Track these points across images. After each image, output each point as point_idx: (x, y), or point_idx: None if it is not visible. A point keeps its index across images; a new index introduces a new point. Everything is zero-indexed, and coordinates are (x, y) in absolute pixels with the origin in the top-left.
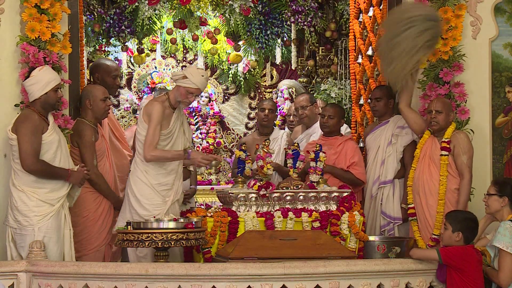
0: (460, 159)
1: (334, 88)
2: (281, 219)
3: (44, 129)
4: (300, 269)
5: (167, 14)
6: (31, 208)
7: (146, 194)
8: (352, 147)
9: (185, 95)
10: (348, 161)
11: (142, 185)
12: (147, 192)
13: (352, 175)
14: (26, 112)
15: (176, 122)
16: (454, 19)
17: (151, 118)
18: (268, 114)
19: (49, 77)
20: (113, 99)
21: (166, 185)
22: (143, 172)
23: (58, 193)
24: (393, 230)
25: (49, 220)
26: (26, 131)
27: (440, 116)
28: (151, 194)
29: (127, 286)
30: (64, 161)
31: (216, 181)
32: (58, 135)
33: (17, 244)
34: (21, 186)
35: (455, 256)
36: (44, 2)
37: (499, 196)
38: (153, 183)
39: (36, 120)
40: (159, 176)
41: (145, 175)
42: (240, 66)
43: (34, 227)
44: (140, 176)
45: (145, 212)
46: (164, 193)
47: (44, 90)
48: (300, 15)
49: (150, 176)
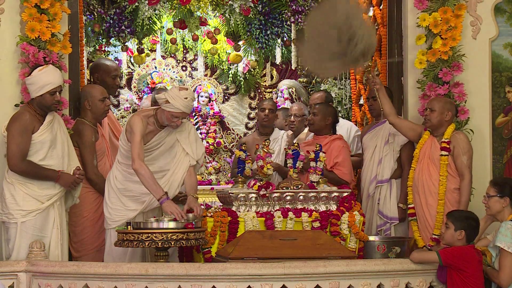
0: (460, 160)
1: (334, 88)
2: (281, 219)
3: (35, 128)
4: (300, 269)
5: (167, 14)
6: (17, 202)
7: (107, 197)
8: (338, 146)
9: (170, 119)
10: (332, 161)
11: (108, 188)
12: (111, 195)
13: (335, 175)
14: (21, 110)
15: (162, 140)
16: (454, 19)
17: (132, 132)
18: (268, 114)
19: (46, 80)
20: (113, 99)
21: (130, 191)
22: (111, 176)
23: (48, 191)
24: (390, 230)
25: (34, 217)
26: (15, 131)
27: (432, 114)
28: (114, 197)
29: (127, 286)
30: (57, 161)
31: (216, 181)
32: (52, 135)
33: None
34: (11, 179)
35: (455, 257)
36: (44, 2)
37: (500, 196)
38: (117, 186)
39: (27, 119)
40: (128, 182)
41: (113, 178)
42: (240, 66)
43: (18, 221)
44: (109, 178)
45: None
46: (127, 198)
47: (39, 92)
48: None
49: (116, 180)
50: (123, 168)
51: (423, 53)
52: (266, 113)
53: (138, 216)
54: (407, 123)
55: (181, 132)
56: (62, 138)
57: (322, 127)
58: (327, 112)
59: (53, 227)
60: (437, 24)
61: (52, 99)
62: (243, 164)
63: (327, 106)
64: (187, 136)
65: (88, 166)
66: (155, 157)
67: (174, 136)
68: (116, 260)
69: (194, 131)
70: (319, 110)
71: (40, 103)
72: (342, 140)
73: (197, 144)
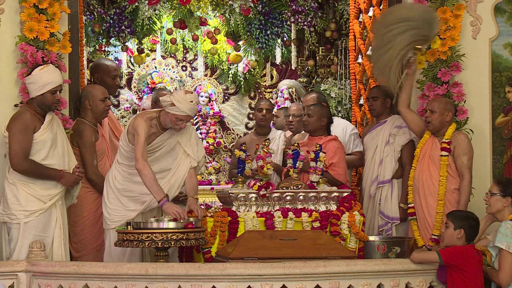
0: (460, 160)
1: (334, 88)
2: (281, 219)
3: (36, 128)
4: (300, 269)
5: (167, 14)
6: (20, 202)
7: (106, 197)
8: (333, 147)
9: (174, 122)
10: (327, 162)
11: (107, 187)
12: (110, 196)
13: (330, 176)
14: (21, 110)
15: (164, 142)
16: (453, 19)
17: (136, 133)
18: (266, 114)
19: (47, 79)
20: (113, 99)
21: (130, 191)
22: (111, 176)
23: (50, 191)
24: (391, 230)
25: (37, 217)
26: (16, 130)
27: (433, 115)
28: (113, 197)
29: (127, 286)
30: (59, 160)
31: (216, 181)
32: (53, 134)
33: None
34: (13, 180)
35: (455, 256)
36: (43, 2)
37: (502, 196)
38: (117, 187)
39: (28, 119)
40: (126, 182)
41: (113, 179)
42: (240, 66)
43: (21, 222)
44: (108, 178)
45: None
46: (128, 198)
47: (40, 91)
48: (300, 15)
49: (115, 180)
50: (123, 168)
51: (422, 53)
52: (264, 113)
53: (137, 216)
54: (414, 116)
55: (182, 134)
56: (62, 138)
57: (318, 128)
58: (322, 113)
59: (55, 226)
60: None
61: (53, 98)
62: (243, 164)
63: (321, 107)
64: (189, 139)
65: (88, 166)
66: (157, 157)
67: (175, 138)
68: (115, 261)
69: (195, 134)
70: (314, 112)
71: (41, 102)
72: (338, 141)
73: (198, 147)
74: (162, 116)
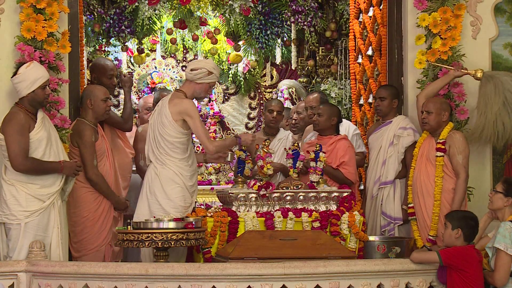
0: (455, 159)
1: (334, 88)
2: (281, 219)
3: (31, 127)
4: (300, 269)
5: (167, 14)
6: (20, 203)
7: (180, 196)
8: (344, 146)
9: (207, 90)
10: (338, 160)
11: (175, 186)
12: (181, 194)
13: (341, 174)
14: (13, 110)
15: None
16: (453, 19)
17: (191, 115)
18: (276, 116)
19: (36, 74)
20: (113, 99)
21: (194, 185)
22: (177, 174)
23: (49, 189)
24: (394, 231)
25: (37, 217)
26: (12, 131)
27: (430, 116)
28: (185, 195)
29: (127, 286)
30: (54, 157)
31: (216, 181)
32: (46, 132)
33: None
34: (11, 180)
35: (455, 257)
36: (41, 2)
37: (505, 195)
38: (187, 184)
39: (22, 119)
40: (192, 177)
41: (179, 176)
42: (240, 66)
43: (21, 222)
44: (174, 177)
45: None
46: (193, 193)
47: (31, 88)
48: (300, 15)
49: (183, 177)
50: (184, 164)
51: (422, 53)
52: (274, 115)
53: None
54: None
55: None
56: (55, 135)
57: (327, 127)
58: (332, 112)
59: (53, 226)
60: (437, 24)
61: (44, 93)
62: (243, 164)
63: (331, 106)
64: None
65: (88, 166)
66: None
67: None
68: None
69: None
70: (324, 111)
71: (32, 99)
72: (348, 140)
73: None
74: (189, 91)
